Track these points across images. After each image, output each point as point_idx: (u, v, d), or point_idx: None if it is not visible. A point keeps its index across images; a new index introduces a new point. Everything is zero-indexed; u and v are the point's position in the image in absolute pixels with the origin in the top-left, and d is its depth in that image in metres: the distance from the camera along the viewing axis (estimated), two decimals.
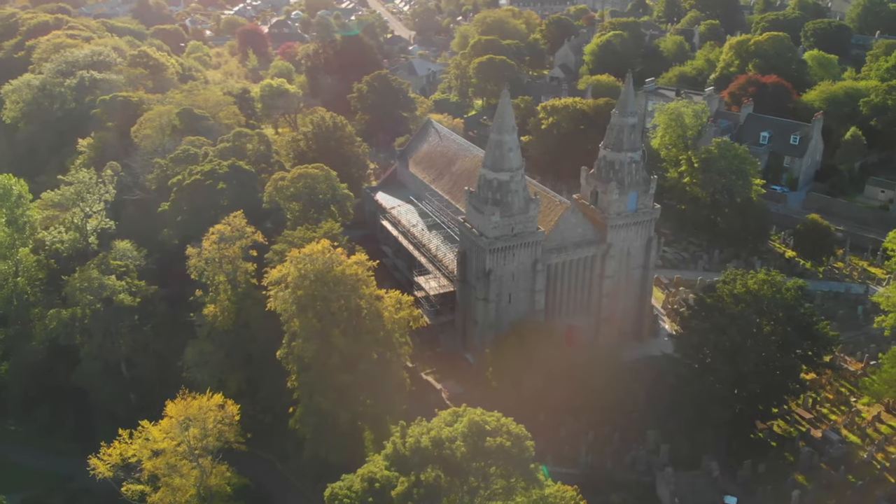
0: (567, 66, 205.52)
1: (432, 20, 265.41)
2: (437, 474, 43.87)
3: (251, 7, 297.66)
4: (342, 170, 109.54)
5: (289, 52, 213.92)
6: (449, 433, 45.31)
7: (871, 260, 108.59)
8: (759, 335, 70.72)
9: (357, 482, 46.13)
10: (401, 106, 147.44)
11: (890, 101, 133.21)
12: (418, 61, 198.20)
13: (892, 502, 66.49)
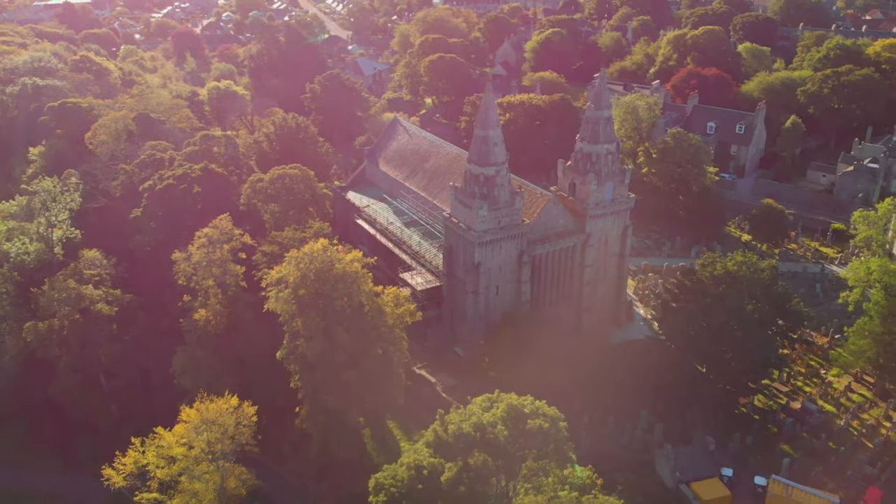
0: (508, 63, 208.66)
1: (368, 20, 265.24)
2: (485, 458, 45.16)
3: (180, 9, 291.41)
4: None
5: (227, 53, 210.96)
6: (489, 418, 46.63)
7: (822, 240, 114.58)
8: (743, 314, 74.17)
9: (402, 471, 46.89)
10: (355, 105, 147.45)
11: (826, 89, 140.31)
12: (363, 61, 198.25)
13: (873, 466, 70.82)
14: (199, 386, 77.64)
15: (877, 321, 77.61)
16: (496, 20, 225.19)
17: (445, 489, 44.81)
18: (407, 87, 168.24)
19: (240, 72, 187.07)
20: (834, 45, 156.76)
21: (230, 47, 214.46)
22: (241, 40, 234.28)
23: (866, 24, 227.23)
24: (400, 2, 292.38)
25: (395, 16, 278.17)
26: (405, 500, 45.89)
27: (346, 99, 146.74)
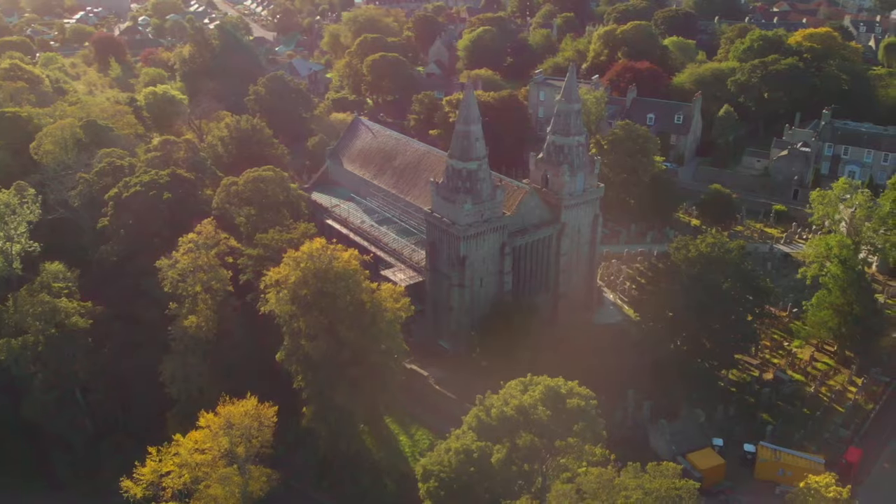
0: (441, 61, 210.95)
1: (293, 20, 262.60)
2: (532, 438, 46.84)
3: (93, 14, 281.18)
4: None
5: (152, 58, 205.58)
6: (528, 400, 48.34)
7: (766, 222, 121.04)
8: (720, 292, 78.24)
9: (450, 457, 47.99)
10: (300, 106, 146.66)
11: (755, 78, 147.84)
12: (298, 62, 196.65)
13: (847, 428, 76.00)
14: (189, 394, 77.10)
15: (836, 293, 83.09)
16: (425, 19, 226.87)
17: (496, 470, 46.27)
18: (349, 86, 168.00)
19: (171, 76, 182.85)
20: (757, 37, 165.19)
21: (154, 52, 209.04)
22: (163, 44, 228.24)
23: (776, 15, 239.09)
24: (322, 2, 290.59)
25: (318, 16, 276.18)
26: (455, 484, 47.13)
27: (290, 100, 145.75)
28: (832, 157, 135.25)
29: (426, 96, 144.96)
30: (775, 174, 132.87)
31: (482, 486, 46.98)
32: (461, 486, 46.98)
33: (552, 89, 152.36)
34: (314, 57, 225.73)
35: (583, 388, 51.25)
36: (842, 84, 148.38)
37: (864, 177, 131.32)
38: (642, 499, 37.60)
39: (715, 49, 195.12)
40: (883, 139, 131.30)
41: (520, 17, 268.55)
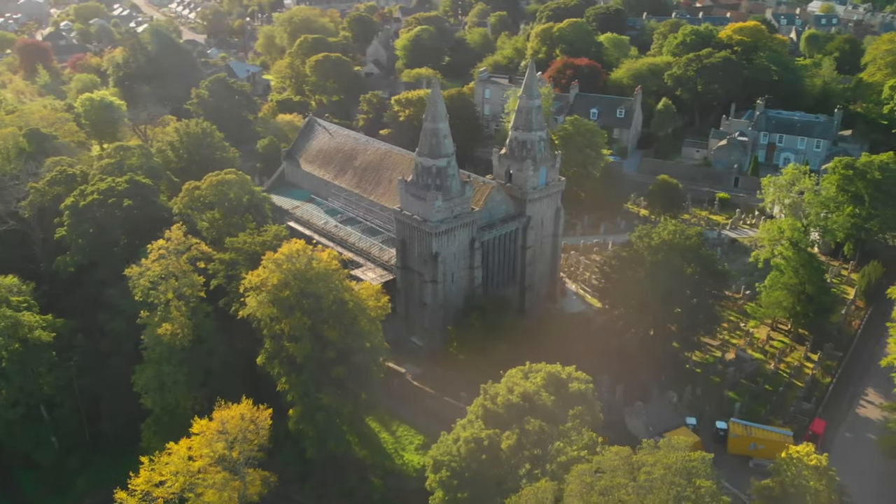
0: (380, 61, 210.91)
1: (223, 22, 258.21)
2: (540, 423, 48.10)
3: (13, 21, 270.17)
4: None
5: (81, 64, 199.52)
6: (531, 387, 49.65)
7: (710, 209, 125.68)
8: (685, 276, 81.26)
9: (459, 446, 48.74)
10: (244, 108, 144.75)
11: (690, 72, 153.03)
12: (236, 64, 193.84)
13: (808, 401, 79.96)
14: (167, 402, 75.85)
15: (789, 274, 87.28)
16: (360, 19, 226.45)
17: (507, 456, 47.39)
18: (292, 87, 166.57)
19: (103, 81, 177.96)
20: (689, 32, 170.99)
21: (83, 57, 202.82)
22: (90, 49, 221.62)
23: (701, 10, 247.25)
24: (251, 3, 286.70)
25: (247, 17, 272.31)
26: (467, 472, 48.04)
27: (234, 102, 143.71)
28: (767, 145, 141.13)
29: (374, 96, 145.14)
30: (716, 163, 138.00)
31: (493, 473, 48.09)
32: (473, 474, 47.94)
33: (497, 87, 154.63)
34: (249, 59, 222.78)
35: (579, 372, 52.94)
36: (772, 75, 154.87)
37: (799, 163, 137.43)
38: (664, 473, 39.37)
39: (645, 45, 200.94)
40: (815, 127, 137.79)
41: (452, 16, 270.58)
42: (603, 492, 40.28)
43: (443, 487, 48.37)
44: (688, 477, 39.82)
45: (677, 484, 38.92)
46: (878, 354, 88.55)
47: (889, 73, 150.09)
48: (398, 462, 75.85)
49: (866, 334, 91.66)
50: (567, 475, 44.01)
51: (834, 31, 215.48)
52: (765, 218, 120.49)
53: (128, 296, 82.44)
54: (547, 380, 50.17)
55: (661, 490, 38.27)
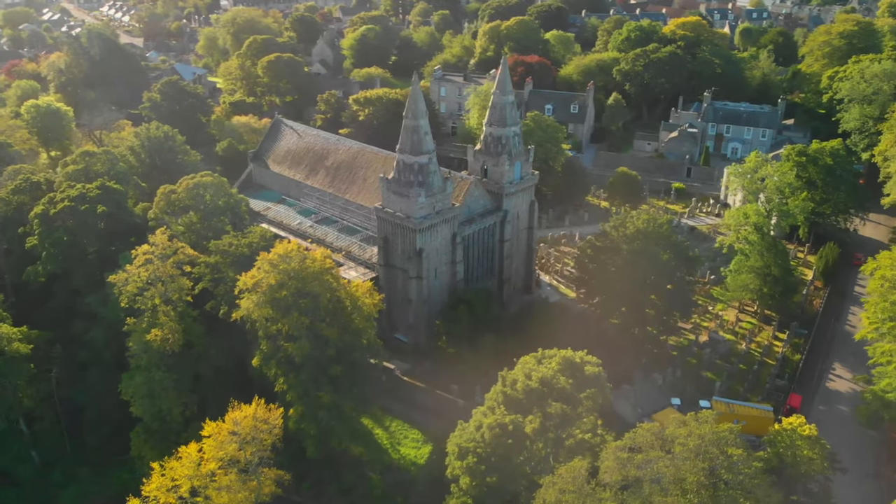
0: (326, 61, 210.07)
1: (160, 25, 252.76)
2: (562, 407, 49.60)
3: None
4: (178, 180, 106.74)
5: (17, 70, 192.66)
6: (549, 372, 51.17)
7: (667, 199, 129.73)
8: (661, 263, 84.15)
9: (482, 432, 49.82)
10: (198, 111, 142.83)
11: (638, 67, 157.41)
12: (181, 66, 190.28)
13: (781, 378, 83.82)
14: (157, 409, 74.83)
15: (755, 257, 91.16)
16: (303, 19, 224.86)
17: (531, 440, 48.77)
18: (243, 89, 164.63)
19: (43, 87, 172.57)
20: (633, 28, 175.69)
21: (19, 63, 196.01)
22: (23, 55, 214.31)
23: (637, 7, 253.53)
24: (186, 5, 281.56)
25: (184, 19, 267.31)
26: (493, 457, 49.24)
27: (188, 105, 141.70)
28: (716, 136, 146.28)
29: (331, 96, 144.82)
30: (668, 155, 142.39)
31: (518, 457, 49.43)
32: (498, 459, 49.20)
33: (452, 85, 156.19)
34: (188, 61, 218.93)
35: (590, 356, 54.78)
36: (715, 68, 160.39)
37: (747, 152, 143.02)
38: (699, 444, 41.36)
39: (587, 41, 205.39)
40: (760, 117, 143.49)
41: (394, 15, 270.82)
42: (640, 465, 42.16)
43: (469, 473, 49.48)
44: (719, 446, 41.98)
45: (711, 453, 41.06)
46: (840, 331, 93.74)
47: (826, 63, 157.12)
48: (395, 457, 76.56)
49: (827, 312, 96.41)
50: (602, 452, 45.83)
51: (765, 25, 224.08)
52: (720, 206, 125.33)
53: (107, 304, 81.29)
54: (562, 364, 51.82)
55: (697, 460, 40.27)
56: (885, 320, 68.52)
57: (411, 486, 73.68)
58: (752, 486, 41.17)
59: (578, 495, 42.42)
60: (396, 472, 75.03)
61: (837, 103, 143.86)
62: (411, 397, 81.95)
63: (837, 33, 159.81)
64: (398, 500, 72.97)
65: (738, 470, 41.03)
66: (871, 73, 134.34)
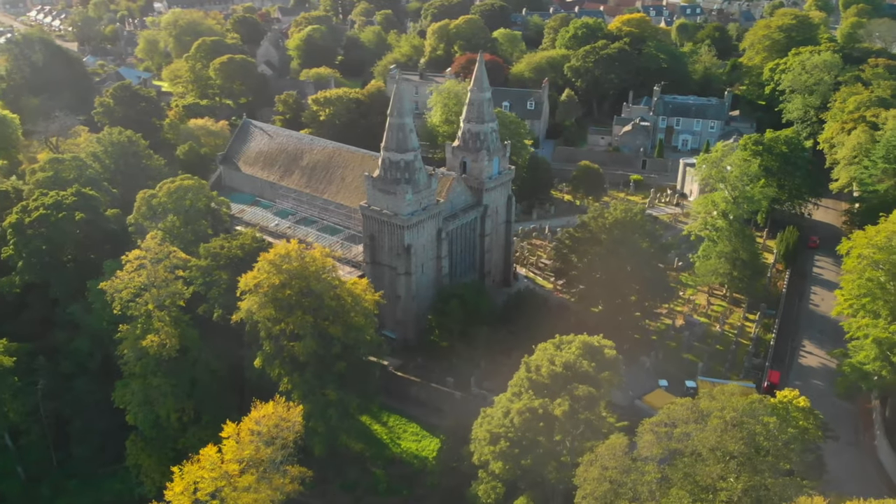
0: (271, 62, 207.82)
1: (93, 29, 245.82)
2: (588, 389, 51.40)
3: None
4: (144, 185, 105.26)
5: None
6: (571, 356, 52.94)
7: (626, 191, 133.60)
8: (641, 251, 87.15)
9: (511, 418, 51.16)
10: (152, 115, 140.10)
11: (589, 63, 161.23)
12: (126, 70, 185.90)
13: (757, 356, 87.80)
14: (155, 416, 73.97)
15: (724, 243, 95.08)
16: (245, 21, 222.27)
17: (561, 422, 50.42)
18: (195, 91, 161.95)
19: None
20: (580, 25, 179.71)
21: None
22: None
23: (575, 4, 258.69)
24: (118, 8, 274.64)
25: (117, 23, 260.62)
26: (524, 440, 50.71)
27: (141, 109, 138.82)
28: (666, 128, 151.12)
29: (289, 96, 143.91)
30: (623, 148, 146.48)
31: (549, 439, 51.06)
32: (530, 442, 50.73)
33: (408, 84, 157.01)
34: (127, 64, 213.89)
35: (606, 340, 56.89)
36: (661, 63, 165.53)
37: (696, 143, 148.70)
38: (735, 415, 43.69)
39: (530, 39, 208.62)
40: (708, 109, 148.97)
41: (334, 14, 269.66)
42: (679, 438, 44.31)
43: (503, 458, 50.87)
44: (754, 416, 44.43)
45: (748, 423, 43.47)
46: (805, 310, 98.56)
47: (767, 56, 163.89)
48: (396, 451, 77.40)
49: (791, 293, 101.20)
50: (638, 428, 47.94)
51: (700, 21, 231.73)
52: (678, 195, 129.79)
53: (91, 312, 79.82)
54: (582, 349, 53.71)
55: (735, 430, 42.64)
56: (860, 296, 72.65)
57: (416, 478, 74.75)
58: (787, 452, 43.84)
59: (621, 470, 44.38)
60: (399, 465, 75.90)
61: (780, 94, 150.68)
62: (405, 392, 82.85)
63: (777, 27, 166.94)
64: (404, 493, 73.96)
65: (776, 437, 43.62)
66: (812, 64, 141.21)
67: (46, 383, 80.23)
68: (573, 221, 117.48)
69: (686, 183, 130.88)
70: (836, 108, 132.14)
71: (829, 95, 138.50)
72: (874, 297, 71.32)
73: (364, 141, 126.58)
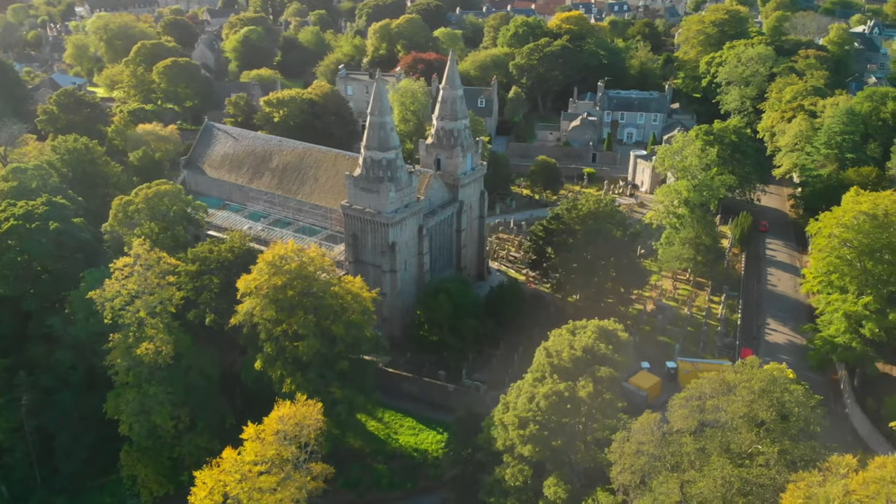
0: (207, 64, 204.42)
1: (14, 35, 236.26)
2: (610, 371, 53.58)
3: None
4: (105, 193, 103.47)
5: None
6: (589, 341, 55.04)
7: (581, 184, 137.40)
8: (615, 239, 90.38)
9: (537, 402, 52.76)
10: (98, 121, 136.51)
11: (533, 60, 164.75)
12: (60, 76, 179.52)
13: (727, 337, 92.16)
14: (151, 425, 72.78)
15: (687, 229, 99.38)
16: (177, 23, 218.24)
17: (587, 403, 52.47)
18: (138, 96, 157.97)
19: None
20: (520, 24, 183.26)
21: None
22: None
23: (508, 3, 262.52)
24: (38, 13, 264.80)
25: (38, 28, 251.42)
26: (552, 423, 52.51)
27: (86, 116, 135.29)
28: (612, 122, 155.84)
29: (240, 98, 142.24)
30: (572, 142, 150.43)
31: (575, 420, 53.08)
32: (557, 425, 52.61)
33: (358, 84, 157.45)
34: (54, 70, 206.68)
35: (617, 324, 59.33)
36: (601, 59, 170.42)
37: (641, 136, 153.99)
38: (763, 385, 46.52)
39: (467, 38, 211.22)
40: (651, 102, 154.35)
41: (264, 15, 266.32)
42: (711, 410, 46.93)
43: (532, 441, 52.56)
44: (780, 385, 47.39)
45: (775, 392, 46.40)
46: (765, 290, 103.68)
47: (701, 50, 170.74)
48: (394, 446, 78.29)
49: (749, 275, 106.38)
50: (670, 401, 50.49)
51: (628, 17, 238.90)
52: (631, 187, 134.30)
53: (73, 324, 77.89)
54: (597, 333, 55.96)
55: (763, 399, 45.48)
56: (829, 273, 77.43)
57: (418, 470, 75.87)
58: (815, 416, 47.03)
59: (656, 444, 46.72)
60: (402, 459, 76.85)
61: (716, 87, 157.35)
62: (397, 387, 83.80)
63: (710, 22, 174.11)
64: (408, 486, 74.96)
65: (804, 403, 46.75)
66: (747, 56, 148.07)
67: (28, 400, 77.69)
68: (536, 215, 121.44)
69: (637, 174, 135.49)
70: (773, 97, 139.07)
71: (765, 86, 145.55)
72: (842, 274, 76.08)
73: (320, 142, 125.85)
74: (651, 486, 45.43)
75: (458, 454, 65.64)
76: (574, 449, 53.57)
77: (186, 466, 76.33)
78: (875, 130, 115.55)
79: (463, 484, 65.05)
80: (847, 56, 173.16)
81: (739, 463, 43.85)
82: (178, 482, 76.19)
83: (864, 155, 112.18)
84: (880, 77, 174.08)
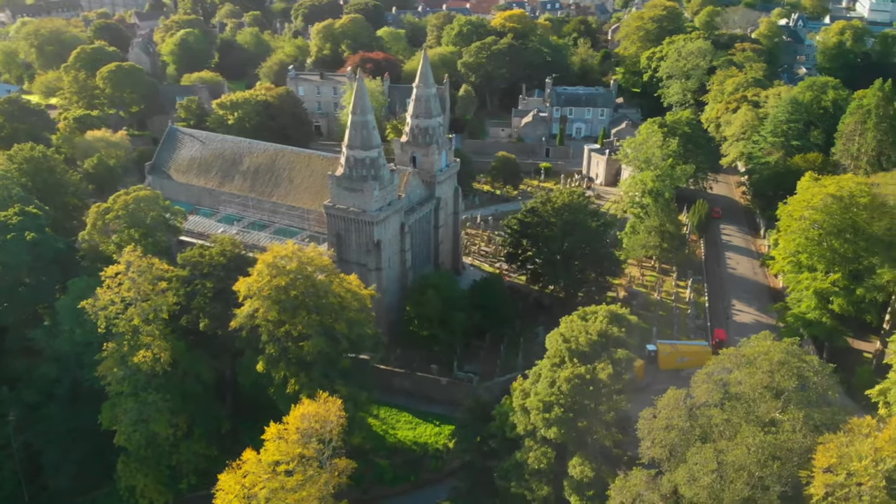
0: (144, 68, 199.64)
1: None
2: (626, 353, 55.91)
3: None
4: (65, 201, 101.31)
5: None
6: (601, 326, 57.26)
7: (539, 178, 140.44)
8: (591, 230, 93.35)
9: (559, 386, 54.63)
10: (43, 129, 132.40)
11: (481, 59, 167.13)
12: None
13: (698, 319, 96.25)
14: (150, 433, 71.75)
15: (652, 218, 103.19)
16: (109, 27, 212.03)
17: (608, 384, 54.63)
18: (81, 102, 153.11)
19: None
20: (464, 23, 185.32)
21: None
22: None
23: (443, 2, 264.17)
24: None
25: None
26: (575, 405, 54.46)
27: (31, 123, 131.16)
28: (561, 117, 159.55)
29: (191, 101, 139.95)
30: (526, 138, 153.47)
31: (596, 401, 55.19)
32: (580, 406, 54.64)
33: (309, 84, 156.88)
34: None
35: (624, 308, 61.87)
36: (545, 56, 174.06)
37: (589, 131, 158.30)
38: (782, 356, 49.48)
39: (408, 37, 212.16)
40: (598, 98, 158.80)
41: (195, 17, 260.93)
42: (734, 383, 49.69)
43: (558, 424, 54.37)
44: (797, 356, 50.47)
45: (793, 362, 49.45)
46: (725, 274, 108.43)
47: (641, 46, 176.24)
48: (392, 441, 79.24)
49: (709, 259, 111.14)
50: (693, 378, 53.16)
51: (561, 15, 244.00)
52: (586, 179, 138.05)
53: (57, 336, 76.13)
54: (609, 317, 58.33)
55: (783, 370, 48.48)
56: (798, 252, 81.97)
57: (419, 464, 77.02)
58: (833, 383, 50.38)
59: (685, 418, 49.27)
60: (403, 453, 77.87)
61: (658, 81, 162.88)
62: (389, 383, 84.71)
63: (649, 18, 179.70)
64: (411, 479, 76.03)
65: (821, 371, 49.96)
66: (687, 51, 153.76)
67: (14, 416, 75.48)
68: (501, 209, 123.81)
69: (592, 167, 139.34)
70: (714, 89, 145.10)
71: (705, 79, 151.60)
72: (811, 253, 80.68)
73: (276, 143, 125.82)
74: (685, 458, 47.93)
75: (470, 443, 67.01)
76: (594, 430, 55.69)
77: (185, 474, 75.72)
78: (817, 118, 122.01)
79: (474, 472, 66.48)
80: (777, 48, 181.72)
81: (766, 431, 46.72)
82: (177, 490, 75.55)
83: (808, 142, 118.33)
84: (809, 68, 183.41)
